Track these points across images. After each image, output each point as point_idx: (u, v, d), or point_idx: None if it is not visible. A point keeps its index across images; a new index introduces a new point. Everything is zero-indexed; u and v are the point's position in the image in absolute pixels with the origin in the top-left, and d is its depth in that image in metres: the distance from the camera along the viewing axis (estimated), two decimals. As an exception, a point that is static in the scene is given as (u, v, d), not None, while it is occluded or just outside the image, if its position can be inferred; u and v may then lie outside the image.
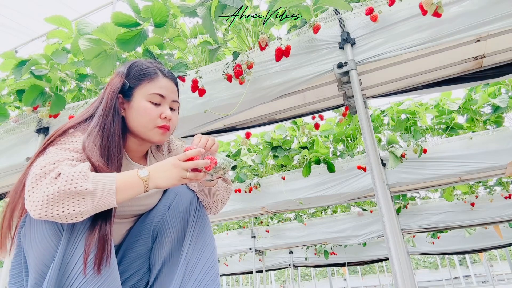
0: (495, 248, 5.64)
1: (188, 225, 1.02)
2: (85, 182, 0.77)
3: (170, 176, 0.86)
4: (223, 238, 6.14)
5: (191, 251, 0.99)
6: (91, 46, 1.70)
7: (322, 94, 2.03)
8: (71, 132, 0.93)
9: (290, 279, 8.29)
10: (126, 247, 1.03)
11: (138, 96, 1.00)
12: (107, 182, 0.80)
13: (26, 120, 2.37)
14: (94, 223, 0.84)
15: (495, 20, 1.39)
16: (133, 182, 0.83)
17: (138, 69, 1.03)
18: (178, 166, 0.86)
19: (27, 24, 5.47)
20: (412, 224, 4.32)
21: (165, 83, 1.03)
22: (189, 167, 0.86)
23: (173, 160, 0.87)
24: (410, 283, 1.19)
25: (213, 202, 1.14)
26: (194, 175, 0.87)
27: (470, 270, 12.69)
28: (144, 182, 0.84)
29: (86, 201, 0.77)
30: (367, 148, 1.44)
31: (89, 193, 0.77)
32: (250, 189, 3.45)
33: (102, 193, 0.79)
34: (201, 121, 1.93)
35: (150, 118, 0.99)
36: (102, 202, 0.79)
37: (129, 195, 0.83)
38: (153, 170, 0.86)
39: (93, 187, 0.77)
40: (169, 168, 0.86)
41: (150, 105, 1.00)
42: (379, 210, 1.31)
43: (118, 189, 0.80)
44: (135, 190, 0.83)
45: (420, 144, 2.85)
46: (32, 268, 0.82)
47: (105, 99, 0.99)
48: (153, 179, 0.85)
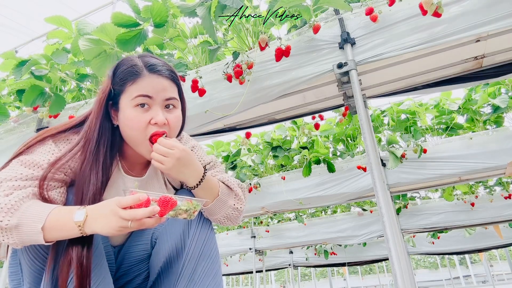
0: (495, 248, 5.65)
1: (189, 235, 0.92)
2: (9, 216, 0.71)
3: (107, 224, 0.71)
4: (223, 238, 6.14)
5: (192, 266, 0.89)
6: (91, 46, 1.70)
7: (322, 94, 2.03)
8: (46, 141, 0.86)
9: (290, 279, 8.29)
10: (126, 250, 1.00)
11: (123, 103, 0.87)
12: (35, 220, 0.72)
13: (26, 120, 2.38)
14: (70, 245, 0.77)
15: (495, 20, 1.39)
16: (66, 224, 0.72)
17: (122, 69, 0.89)
18: (116, 215, 0.70)
19: (27, 24, 5.47)
20: (412, 224, 4.32)
21: (151, 80, 0.87)
22: (127, 218, 0.69)
23: (112, 205, 0.71)
24: (410, 283, 1.19)
25: (214, 219, 1.00)
26: (138, 224, 0.71)
27: (470, 270, 12.70)
28: (78, 227, 0.72)
29: (13, 235, 0.71)
30: (367, 148, 1.44)
31: (13, 228, 0.71)
32: (250, 189, 3.45)
33: (28, 229, 0.71)
34: (201, 121, 1.93)
35: (138, 128, 0.85)
36: (29, 239, 0.72)
37: (63, 236, 0.73)
38: (92, 214, 0.73)
39: (18, 223, 0.71)
40: (107, 214, 0.71)
41: (136, 112, 0.85)
42: (379, 210, 1.31)
43: (46, 229, 0.71)
44: (68, 233, 0.72)
45: (420, 144, 2.85)
46: (26, 273, 0.81)
47: (93, 109, 0.89)
48: (90, 224, 0.72)
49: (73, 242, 0.76)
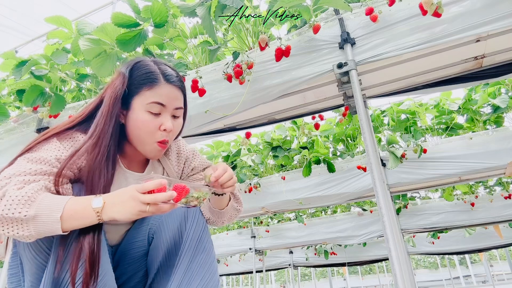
0: (495, 248, 5.64)
1: (185, 228, 0.96)
2: (27, 208, 0.73)
3: (126, 210, 0.76)
4: (223, 238, 6.14)
5: (188, 258, 0.93)
6: (91, 46, 1.70)
7: (322, 94, 2.03)
8: (50, 140, 0.88)
9: (290, 279, 8.29)
10: (123, 249, 1.01)
11: (136, 105, 0.93)
12: (53, 209, 0.74)
13: (26, 120, 2.38)
14: (81, 234, 0.80)
15: (495, 20, 1.39)
16: (84, 212, 0.75)
17: (139, 73, 0.95)
18: (136, 199, 0.75)
19: (27, 24, 5.47)
20: (412, 224, 4.32)
21: (167, 90, 0.94)
22: (147, 201, 0.75)
23: (132, 191, 0.76)
24: (410, 283, 1.19)
25: (219, 221, 1.08)
26: (156, 209, 0.76)
27: (470, 270, 12.69)
28: (97, 214, 0.76)
29: (29, 226, 0.73)
30: (367, 148, 1.44)
31: (30, 220, 0.73)
32: (250, 189, 3.45)
33: (46, 219, 0.73)
34: (201, 121, 1.93)
35: (148, 131, 0.92)
36: (46, 229, 0.74)
37: (80, 225, 0.76)
38: (110, 200, 0.77)
39: (36, 213, 0.73)
40: (126, 200, 0.76)
41: (149, 117, 0.92)
42: (379, 210, 1.31)
43: (64, 218, 0.74)
44: (85, 220, 0.76)
45: (420, 144, 2.85)
46: (27, 272, 0.82)
47: (105, 105, 0.92)
48: (108, 211, 0.76)
49: (83, 231, 0.79)
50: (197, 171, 1.16)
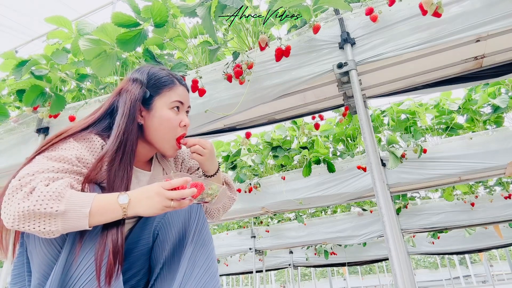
0: (495, 248, 5.65)
1: (189, 224, 1.00)
2: (57, 203, 0.75)
3: (152, 205, 0.81)
4: (223, 238, 6.14)
5: (191, 250, 0.97)
6: (91, 46, 1.70)
7: (322, 94, 2.03)
8: (67, 139, 0.91)
9: (290, 279, 8.30)
10: (128, 247, 1.02)
11: (159, 104, 1.02)
12: (82, 205, 0.77)
13: (26, 120, 2.37)
14: (105, 229, 0.83)
15: (495, 20, 1.39)
16: (110, 207, 0.80)
17: (157, 77, 1.05)
18: (162, 195, 0.81)
19: (27, 24, 5.47)
20: (412, 224, 4.32)
21: (182, 90, 1.07)
22: (174, 197, 0.82)
23: (157, 188, 0.82)
24: (410, 283, 1.19)
25: (215, 209, 1.15)
26: (178, 204, 0.83)
27: (470, 270, 12.70)
28: (123, 209, 0.80)
29: (57, 221, 0.75)
30: (367, 148, 1.44)
31: (60, 215, 0.75)
32: (250, 189, 3.45)
33: (74, 215, 0.76)
34: (201, 121, 1.93)
35: (172, 127, 1.02)
36: (73, 225, 0.77)
37: (104, 220, 0.80)
38: (135, 197, 0.82)
39: (65, 209, 0.75)
40: (152, 196, 0.82)
41: (172, 114, 1.03)
42: (379, 210, 1.31)
43: (92, 214, 0.77)
44: (111, 215, 0.80)
45: (420, 144, 2.85)
46: (36, 269, 0.82)
47: (125, 107, 0.97)
48: (133, 206, 0.81)
49: (107, 226, 0.83)
50: (193, 170, 1.24)
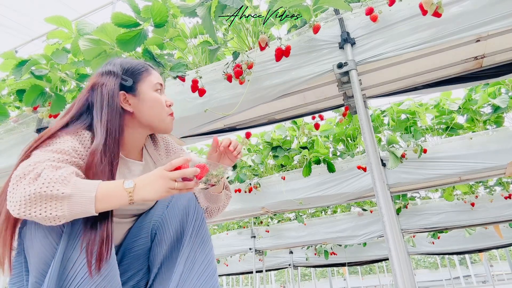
0: (495, 248, 5.65)
1: (187, 223, 1.00)
2: (64, 186, 0.75)
3: (157, 188, 0.82)
4: (223, 238, 6.13)
5: (189, 249, 0.97)
6: (91, 46, 1.70)
7: (322, 94, 2.03)
8: (59, 134, 0.91)
9: (290, 279, 8.29)
10: (126, 247, 1.03)
11: (145, 89, 1.04)
12: (88, 190, 0.77)
13: (26, 120, 2.37)
14: (94, 221, 0.83)
15: (495, 20, 1.39)
16: (116, 192, 0.80)
17: (132, 65, 1.06)
18: (165, 177, 0.82)
19: (27, 24, 5.47)
20: (412, 224, 4.32)
21: (157, 74, 1.10)
22: (176, 177, 0.82)
23: (159, 171, 0.83)
24: (410, 283, 1.19)
25: (216, 208, 1.16)
26: (183, 185, 0.83)
27: (470, 270, 12.69)
28: (129, 194, 0.80)
29: (64, 206, 0.75)
30: (367, 148, 1.44)
31: (66, 198, 0.75)
32: (250, 189, 3.45)
33: (81, 200, 0.76)
34: (201, 121, 1.93)
35: (162, 106, 1.04)
36: (80, 209, 0.76)
37: (110, 206, 0.80)
38: (140, 181, 0.83)
39: (71, 193, 0.75)
40: (156, 179, 0.82)
41: (158, 95, 1.05)
42: (379, 210, 1.31)
43: (98, 198, 0.78)
44: (118, 201, 0.80)
45: (420, 144, 2.85)
46: (33, 267, 0.82)
47: (103, 100, 0.97)
48: (139, 191, 0.81)
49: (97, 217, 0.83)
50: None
